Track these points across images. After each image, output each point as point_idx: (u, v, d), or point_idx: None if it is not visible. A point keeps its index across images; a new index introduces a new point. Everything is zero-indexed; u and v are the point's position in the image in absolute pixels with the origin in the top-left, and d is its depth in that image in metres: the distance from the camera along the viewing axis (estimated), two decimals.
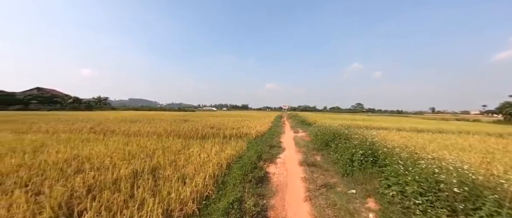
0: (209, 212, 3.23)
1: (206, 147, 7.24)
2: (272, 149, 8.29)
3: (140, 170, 4.56)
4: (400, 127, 14.74)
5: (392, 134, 9.48)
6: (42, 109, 52.71)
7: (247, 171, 4.92)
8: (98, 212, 2.80)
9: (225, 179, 4.63)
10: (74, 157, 5.38)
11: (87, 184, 3.71)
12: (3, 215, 2.61)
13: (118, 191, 3.48)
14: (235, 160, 6.15)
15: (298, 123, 23.75)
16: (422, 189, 3.23)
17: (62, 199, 3.09)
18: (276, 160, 6.76)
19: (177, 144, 7.70)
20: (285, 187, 4.48)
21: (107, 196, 3.24)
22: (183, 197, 3.40)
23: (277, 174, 5.33)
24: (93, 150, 6.35)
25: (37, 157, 5.38)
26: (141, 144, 7.58)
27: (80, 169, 4.54)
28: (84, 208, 2.92)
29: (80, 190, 3.44)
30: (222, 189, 4.13)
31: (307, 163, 6.22)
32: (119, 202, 3.10)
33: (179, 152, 6.51)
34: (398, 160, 4.14)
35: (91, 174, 4.11)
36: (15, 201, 2.94)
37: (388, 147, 5.30)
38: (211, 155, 6.14)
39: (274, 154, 7.41)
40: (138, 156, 5.74)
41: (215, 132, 11.47)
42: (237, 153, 6.86)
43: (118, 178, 4.03)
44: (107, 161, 5.11)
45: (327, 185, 4.47)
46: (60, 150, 6.16)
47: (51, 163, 4.78)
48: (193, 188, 3.70)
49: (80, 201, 3.10)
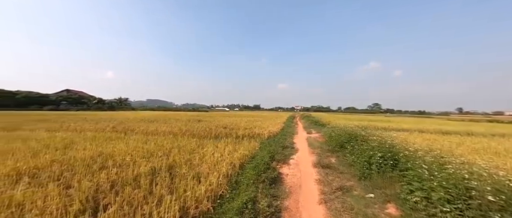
0: (223, 211, 3.28)
1: (219, 147, 7.36)
2: (285, 150, 8.20)
3: (158, 168, 4.76)
4: (422, 128, 13.79)
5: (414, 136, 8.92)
6: (70, 109, 57.32)
7: (260, 171, 4.91)
8: (120, 206, 2.97)
9: (238, 179, 4.67)
10: (99, 154, 5.76)
11: (111, 179, 3.96)
12: (40, 205, 2.88)
13: (138, 187, 3.66)
14: (248, 160, 6.18)
15: (311, 123, 23.27)
16: (450, 196, 2.98)
17: (89, 193, 3.33)
18: (289, 161, 6.67)
19: (192, 144, 7.93)
20: (298, 189, 4.41)
21: (128, 191, 3.42)
22: (198, 195, 3.48)
23: (290, 175, 5.26)
24: (115, 147, 6.76)
25: (67, 153, 5.86)
26: (158, 142, 7.91)
27: (104, 165, 4.86)
28: (108, 202, 3.12)
29: (104, 185, 3.68)
30: (236, 189, 4.17)
31: (321, 165, 6.06)
32: (139, 198, 3.26)
33: (194, 151, 6.70)
34: (422, 164, 3.87)
35: (114, 170, 4.38)
36: (50, 193, 3.22)
37: (410, 149, 4.98)
38: (225, 155, 6.22)
39: (287, 155, 7.33)
40: (156, 154, 6.00)
41: (228, 132, 11.63)
42: (250, 153, 6.88)
43: (138, 175, 4.24)
44: (127, 158, 5.41)
45: (342, 189, 4.32)
46: (86, 147, 6.64)
47: (79, 159, 5.17)
48: (207, 187, 3.78)
49: (105, 195, 3.31)
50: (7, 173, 4.05)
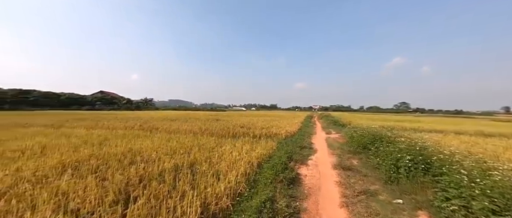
0: (242, 209, 3.32)
1: (237, 146, 7.49)
2: (303, 150, 8.02)
3: (180, 165, 5.01)
4: (459, 130, 12.39)
5: (449, 138, 8.07)
6: (104, 109, 63.31)
7: (278, 171, 4.88)
8: (148, 199, 3.19)
9: (256, 177, 4.70)
10: (128, 151, 6.26)
11: (139, 174, 4.28)
12: (81, 195, 3.23)
13: (163, 182, 3.90)
14: (266, 159, 6.18)
15: (330, 123, 22.41)
16: (496, 206, 2.64)
17: (121, 185, 3.64)
18: (308, 161, 6.51)
19: (211, 142, 8.19)
20: (318, 191, 4.28)
21: (154, 185, 3.66)
22: (218, 192, 3.58)
23: (309, 176, 5.14)
24: (142, 144, 7.29)
25: (102, 149, 6.48)
26: (180, 140, 8.32)
27: (133, 160, 5.27)
28: (137, 194, 3.38)
29: (133, 179, 3.99)
30: (254, 187, 4.20)
31: (342, 167, 5.80)
32: (164, 192, 3.47)
33: (213, 149, 6.91)
34: (461, 169, 3.48)
35: (141, 166, 4.72)
36: (88, 184, 3.60)
37: (445, 153, 4.51)
38: (243, 153, 6.31)
39: (305, 156, 7.16)
40: (178, 151, 6.33)
41: (245, 131, 11.77)
42: (267, 152, 6.88)
43: (163, 171, 4.52)
44: (153, 155, 5.80)
45: (366, 192, 4.08)
46: (118, 144, 7.27)
47: (112, 155, 5.69)
48: (226, 185, 3.87)
49: (134, 188, 3.59)
50: (54, 165, 4.62)
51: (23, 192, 3.28)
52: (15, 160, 5.15)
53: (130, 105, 77.93)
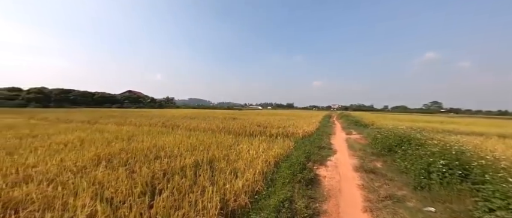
0: (260, 207, 3.34)
1: (254, 144, 7.53)
2: (321, 150, 7.78)
3: (200, 161, 5.21)
4: (504, 133, 10.91)
5: (492, 142, 7.17)
6: (131, 107, 68.49)
7: (296, 171, 4.80)
8: (171, 192, 3.38)
9: (273, 176, 4.68)
10: (153, 146, 6.69)
11: (163, 168, 4.54)
12: (114, 185, 3.55)
13: (185, 177, 4.09)
14: (283, 159, 6.13)
15: (350, 123, 21.37)
16: None
17: (148, 178, 3.90)
18: (327, 162, 6.30)
19: (228, 140, 8.37)
20: (338, 193, 4.12)
21: (177, 180, 3.87)
22: (236, 190, 3.65)
23: (328, 178, 4.96)
24: (165, 140, 7.73)
25: (130, 144, 7.02)
26: (200, 138, 8.65)
27: (157, 155, 5.62)
28: (162, 187, 3.59)
29: (158, 173, 4.25)
30: (271, 186, 4.19)
31: (364, 169, 5.50)
32: (186, 186, 3.64)
33: (230, 147, 7.05)
34: (509, 177, 3.06)
35: (165, 161, 5.02)
36: (120, 176, 3.93)
37: (487, 158, 4.00)
38: (259, 152, 6.33)
39: (324, 156, 6.93)
40: (197, 148, 6.58)
41: (262, 130, 11.79)
42: (285, 151, 6.81)
43: (184, 166, 4.74)
44: (175, 151, 6.12)
45: (392, 198, 3.81)
46: (144, 140, 7.81)
47: (139, 149, 6.13)
48: (244, 182, 3.92)
49: (159, 182, 3.83)
50: (91, 157, 5.13)
51: (67, 180, 3.70)
52: (60, 151, 5.83)
53: (153, 104, 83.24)
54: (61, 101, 59.57)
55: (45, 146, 6.45)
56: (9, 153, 5.60)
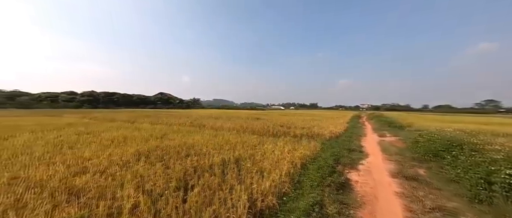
0: (288, 209, 3.28)
1: (279, 145, 7.45)
2: (352, 153, 7.28)
3: (227, 160, 5.36)
4: None
5: None
6: (162, 107, 74.65)
7: (325, 174, 4.59)
8: (202, 189, 3.55)
9: (300, 179, 4.56)
10: (183, 144, 7.15)
11: (193, 165, 4.81)
12: (152, 178, 3.90)
13: (214, 174, 4.26)
14: (310, 160, 5.92)
15: (383, 125, 19.57)
16: None
17: (181, 174, 4.18)
18: (358, 166, 5.87)
19: (253, 140, 8.45)
20: (374, 200, 3.79)
21: (206, 177, 4.05)
22: (263, 190, 3.65)
23: (361, 183, 4.61)
24: (194, 139, 8.19)
25: (163, 141, 7.63)
26: (225, 137, 8.92)
27: (188, 153, 5.98)
28: (193, 183, 3.81)
29: (189, 169, 4.52)
30: (299, 188, 4.08)
31: (404, 176, 4.96)
32: (215, 184, 3.78)
33: (255, 147, 7.10)
34: None
35: (195, 158, 5.31)
36: (157, 171, 4.30)
37: None
38: (285, 153, 6.23)
39: (354, 160, 6.47)
40: (224, 147, 6.80)
41: (285, 130, 11.61)
42: (311, 153, 6.57)
43: (212, 164, 4.94)
44: (204, 149, 6.42)
45: (441, 209, 3.34)
46: (175, 138, 8.41)
47: (171, 147, 6.61)
48: (271, 183, 3.89)
49: (191, 178, 4.06)
50: (133, 153, 5.73)
51: (114, 172, 4.19)
52: (108, 147, 6.66)
53: (182, 104, 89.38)
54: (107, 102, 68.28)
55: (96, 142, 7.44)
56: (70, 146, 6.62)
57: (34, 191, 3.20)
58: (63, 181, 3.66)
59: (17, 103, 55.85)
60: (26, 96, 63.16)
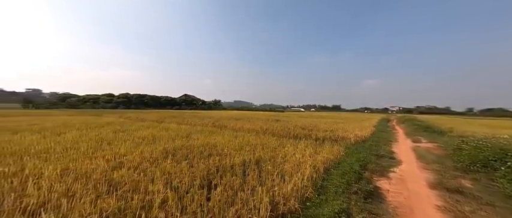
0: (312, 215, 3.15)
1: (299, 148, 7.27)
2: (381, 159, 6.74)
3: (247, 161, 5.41)
4: None
5: None
6: (186, 108, 78.92)
7: (351, 181, 4.31)
8: (224, 189, 3.63)
9: (323, 184, 4.36)
10: (206, 144, 7.42)
11: (216, 165, 4.96)
12: (179, 176, 4.12)
13: (235, 175, 4.33)
14: (333, 165, 5.64)
15: (417, 129, 17.71)
16: None
17: (204, 173, 4.34)
18: (389, 174, 5.39)
19: (273, 142, 8.39)
20: (409, 213, 3.43)
21: (228, 177, 4.13)
22: (285, 193, 3.58)
23: (393, 192, 4.22)
24: (215, 139, 8.45)
25: (188, 141, 8.03)
26: (245, 138, 9.02)
27: (210, 153, 6.19)
28: (216, 182, 3.92)
29: (212, 169, 4.67)
30: (322, 194, 3.91)
31: (446, 188, 4.40)
32: (237, 184, 3.83)
33: (275, 149, 7.03)
34: None
35: (217, 158, 5.46)
36: (183, 168, 4.53)
37: None
38: (306, 156, 6.05)
39: (384, 167, 5.97)
40: (244, 148, 6.88)
41: (307, 133, 11.27)
42: (334, 157, 6.26)
43: (234, 165, 5.03)
44: (225, 149, 6.58)
45: None
46: (198, 138, 8.79)
47: (195, 146, 6.92)
48: (293, 187, 3.80)
49: (214, 177, 4.19)
50: (161, 151, 6.15)
51: (146, 168, 4.55)
52: (140, 144, 7.26)
53: (204, 105, 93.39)
54: (138, 104, 74.79)
55: (130, 139, 8.17)
56: (108, 143, 7.38)
57: (81, 182, 3.64)
58: (104, 174, 4.09)
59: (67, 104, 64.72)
60: (74, 97, 72.93)
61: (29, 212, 2.70)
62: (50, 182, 3.53)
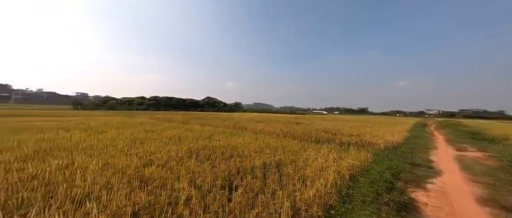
0: None
1: (322, 152, 6.98)
2: (416, 168, 6.07)
3: (268, 164, 5.37)
4: None
5: None
6: (209, 110, 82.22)
7: (381, 190, 3.96)
8: (245, 190, 3.67)
9: (349, 192, 4.09)
10: (227, 145, 7.60)
11: (236, 166, 5.03)
12: (202, 175, 4.29)
13: (255, 177, 4.33)
14: (360, 172, 5.25)
15: (461, 135, 15.51)
16: None
17: (225, 173, 4.44)
18: (426, 185, 4.81)
19: (294, 145, 8.20)
20: None
21: (249, 179, 4.16)
22: (307, 199, 3.45)
23: (432, 207, 3.75)
24: (236, 141, 8.60)
25: (211, 142, 8.33)
26: (265, 141, 9.00)
27: (231, 154, 6.31)
28: (237, 184, 3.97)
29: (233, 170, 4.75)
30: (348, 203, 3.66)
31: (501, 205, 3.74)
32: (257, 187, 3.83)
33: (296, 153, 6.86)
34: None
35: (238, 160, 5.55)
36: (205, 168, 4.71)
37: None
38: (329, 161, 5.77)
39: (421, 177, 5.35)
40: (264, 151, 6.86)
41: (330, 137, 10.76)
42: (361, 164, 5.83)
43: (254, 167, 5.05)
44: (245, 151, 6.65)
45: None
46: (220, 139, 9.05)
47: (217, 147, 7.14)
48: (315, 192, 3.65)
49: (234, 178, 4.26)
50: (186, 150, 6.49)
51: (172, 166, 4.84)
52: (167, 144, 7.78)
53: (225, 108, 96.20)
54: (166, 105, 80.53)
55: (158, 139, 8.82)
56: (140, 142, 8.07)
57: (117, 176, 4.04)
58: (136, 170, 4.48)
59: (107, 105, 73.01)
60: (113, 100, 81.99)
61: (76, 201, 3.09)
62: (93, 175, 4.00)
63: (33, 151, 5.85)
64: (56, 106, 77.06)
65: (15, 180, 3.63)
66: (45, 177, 3.83)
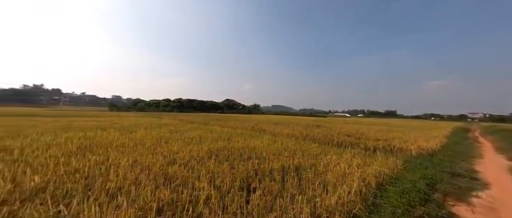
0: None
1: (345, 157, 6.60)
2: (456, 179, 5.35)
3: (286, 167, 5.26)
4: None
5: None
6: (228, 112, 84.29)
7: (414, 202, 3.58)
8: (263, 193, 3.63)
9: (376, 201, 3.77)
10: (245, 147, 7.65)
11: (254, 168, 5.03)
12: (221, 175, 4.38)
13: (274, 180, 4.27)
14: (388, 180, 4.83)
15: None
16: None
17: (244, 175, 4.47)
18: (471, 198, 4.20)
19: (314, 148, 7.91)
20: None
21: (267, 182, 4.11)
22: (328, 206, 3.28)
23: None
24: (254, 143, 8.62)
25: (230, 143, 8.48)
26: (284, 143, 8.85)
27: (249, 156, 6.34)
28: (255, 186, 3.96)
29: (251, 172, 4.75)
30: (374, 213, 3.38)
31: None
32: (276, 190, 3.77)
33: (316, 157, 6.60)
34: None
35: (256, 162, 5.53)
36: (224, 169, 4.80)
37: None
38: (353, 167, 5.42)
39: (463, 189, 4.70)
40: (283, 154, 6.74)
41: (353, 141, 10.14)
42: (390, 171, 5.36)
43: (272, 169, 4.98)
44: (264, 153, 6.62)
45: None
46: (239, 141, 9.17)
47: (235, 149, 7.24)
48: (337, 200, 3.45)
49: (252, 180, 4.26)
50: (206, 151, 6.71)
51: (193, 166, 5.04)
52: (189, 144, 8.15)
53: (244, 110, 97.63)
54: (188, 107, 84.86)
55: (181, 139, 9.29)
56: (165, 141, 8.59)
57: (145, 173, 4.34)
58: (161, 168, 4.76)
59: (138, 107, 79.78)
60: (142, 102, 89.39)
61: (110, 194, 3.39)
62: (124, 171, 4.36)
63: (76, 147, 6.63)
64: (96, 108, 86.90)
65: (61, 173, 4.14)
66: (85, 171, 4.31)
